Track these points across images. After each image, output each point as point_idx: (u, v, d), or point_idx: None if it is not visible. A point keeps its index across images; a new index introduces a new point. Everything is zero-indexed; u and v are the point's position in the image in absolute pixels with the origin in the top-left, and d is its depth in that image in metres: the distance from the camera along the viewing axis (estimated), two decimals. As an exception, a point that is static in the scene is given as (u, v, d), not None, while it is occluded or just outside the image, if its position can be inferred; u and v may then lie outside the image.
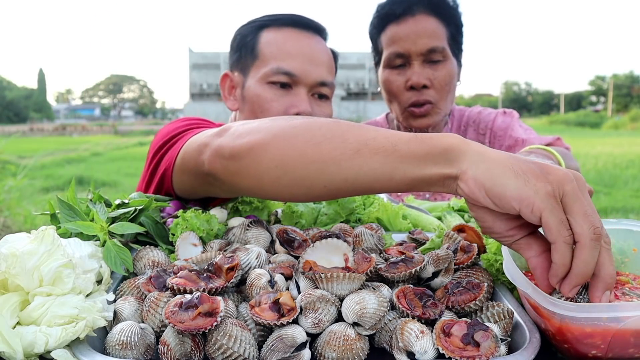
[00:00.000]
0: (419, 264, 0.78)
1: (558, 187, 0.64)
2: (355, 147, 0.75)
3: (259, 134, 0.83)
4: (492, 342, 0.63)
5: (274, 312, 0.69)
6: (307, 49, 1.48)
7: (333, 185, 0.79)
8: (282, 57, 1.47)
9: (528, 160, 0.68)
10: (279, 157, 0.80)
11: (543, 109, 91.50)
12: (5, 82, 80.00)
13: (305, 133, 0.79)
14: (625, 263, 0.84)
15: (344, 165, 0.76)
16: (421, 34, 1.65)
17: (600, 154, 14.33)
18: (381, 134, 0.75)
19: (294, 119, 0.83)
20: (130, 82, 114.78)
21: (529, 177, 0.65)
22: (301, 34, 1.51)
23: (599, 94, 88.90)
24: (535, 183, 0.65)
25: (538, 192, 0.64)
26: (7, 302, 0.67)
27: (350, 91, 50.85)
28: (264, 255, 0.84)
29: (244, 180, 0.87)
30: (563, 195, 0.64)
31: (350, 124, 0.80)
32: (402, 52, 1.67)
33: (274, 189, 0.85)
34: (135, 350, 0.65)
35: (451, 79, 1.70)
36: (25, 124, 55.56)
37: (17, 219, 6.05)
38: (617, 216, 6.76)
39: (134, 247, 0.93)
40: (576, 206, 0.64)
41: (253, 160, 0.83)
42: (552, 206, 0.64)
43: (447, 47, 1.68)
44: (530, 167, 0.66)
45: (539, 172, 0.65)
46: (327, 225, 1.12)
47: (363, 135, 0.76)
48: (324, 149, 0.77)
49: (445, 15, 1.68)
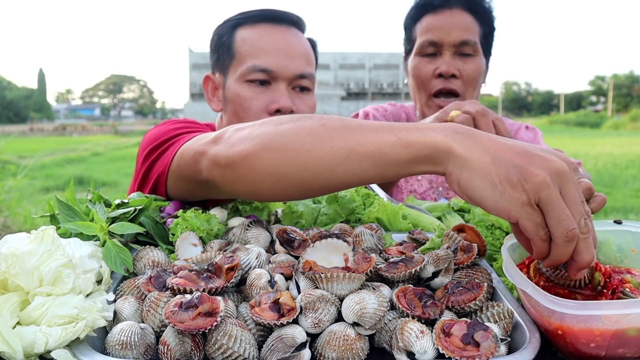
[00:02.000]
0: (419, 264, 0.78)
1: (534, 194, 0.67)
2: (343, 153, 0.77)
3: (251, 142, 0.84)
4: (492, 342, 0.63)
5: (274, 312, 0.69)
6: (281, 43, 1.48)
7: (330, 187, 0.83)
8: (257, 54, 1.47)
9: (511, 162, 0.69)
10: (273, 167, 0.82)
11: (543, 109, 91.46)
12: (5, 82, 79.99)
13: (295, 140, 0.81)
14: (624, 264, 0.84)
15: (336, 170, 0.79)
16: (455, 25, 1.69)
17: (600, 154, 14.33)
18: (368, 139, 0.77)
19: (282, 124, 0.84)
20: (130, 82, 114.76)
21: (505, 187, 0.68)
22: (275, 28, 1.51)
23: (599, 94, 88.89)
24: (511, 194, 0.68)
25: (513, 203, 0.68)
26: (7, 302, 0.67)
27: (350, 91, 50.85)
28: (264, 255, 0.84)
29: (242, 187, 0.89)
30: (539, 200, 0.67)
31: (336, 124, 0.81)
32: (435, 40, 1.70)
33: (273, 194, 0.88)
34: (135, 350, 0.65)
35: (479, 74, 1.73)
36: (25, 124, 55.56)
37: (17, 219, 6.05)
38: (617, 216, 6.75)
39: (134, 247, 0.93)
40: (551, 211, 0.67)
41: (248, 169, 0.85)
42: (528, 213, 0.68)
43: (479, 44, 1.72)
44: (508, 175, 0.68)
45: (516, 180, 0.68)
46: (327, 225, 1.12)
47: (350, 139, 0.78)
48: (315, 156, 0.79)
49: (480, 13, 1.73)
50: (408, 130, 0.76)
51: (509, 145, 0.71)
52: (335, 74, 51.95)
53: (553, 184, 0.67)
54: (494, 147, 0.71)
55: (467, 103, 1.23)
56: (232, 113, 1.52)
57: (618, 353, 0.65)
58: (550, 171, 0.67)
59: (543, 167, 0.68)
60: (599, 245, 0.85)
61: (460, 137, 0.73)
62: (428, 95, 1.76)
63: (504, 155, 0.70)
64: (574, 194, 0.69)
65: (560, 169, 0.68)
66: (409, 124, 0.78)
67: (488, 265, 0.90)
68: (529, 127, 1.94)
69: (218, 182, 0.93)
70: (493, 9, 1.77)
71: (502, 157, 0.69)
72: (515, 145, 0.71)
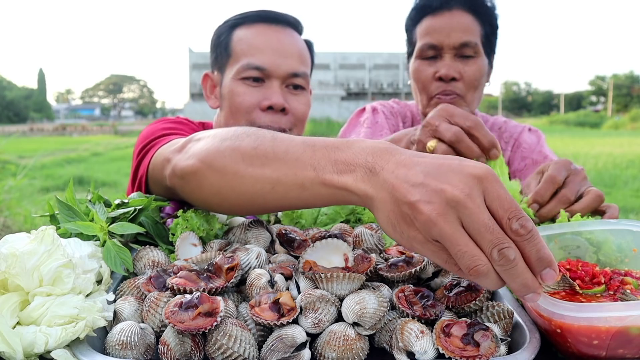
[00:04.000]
0: (419, 264, 0.78)
1: (426, 234, 0.62)
2: (270, 183, 0.79)
3: (198, 158, 0.88)
4: (492, 342, 0.63)
5: (274, 312, 0.69)
6: (276, 42, 1.52)
7: (270, 209, 0.87)
8: (252, 53, 1.51)
9: (404, 199, 0.63)
10: (215, 187, 0.86)
11: (543, 109, 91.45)
12: (5, 82, 79.97)
13: (231, 164, 0.83)
14: (625, 263, 0.84)
15: (268, 197, 0.81)
16: (455, 27, 1.67)
17: (600, 154, 14.34)
18: (291, 171, 0.77)
19: (225, 140, 0.86)
20: (130, 82, 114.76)
21: (402, 227, 0.65)
22: (270, 28, 1.55)
23: (599, 94, 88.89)
24: (409, 233, 0.64)
25: (413, 242, 0.65)
26: (7, 302, 0.67)
27: (350, 91, 50.86)
28: (264, 255, 0.84)
29: (195, 198, 0.94)
30: (436, 238, 0.62)
31: (267, 149, 0.80)
32: (435, 43, 1.69)
33: (221, 210, 0.93)
34: (135, 350, 0.65)
35: (480, 76, 1.71)
36: (25, 124, 55.55)
37: (17, 219, 6.05)
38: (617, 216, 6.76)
39: (134, 247, 0.93)
40: (449, 249, 0.62)
41: (197, 185, 0.90)
42: (431, 251, 0.64)
43: (480, 44, 1.70)
44: (402, 214, 0.64)
45: (409, 218, 0.64)
46: (327, 225, 1.12)
47: (277, 169, 0.78)
48: (247, 183, 0.82)
49: (481, 13, 1.71)
50: (330, 161, 0.74)
51: (410, 175, 0.65)
52: (335, 74, 51.96)
53: (446, 217, 0.61)
54: (393, 182, 0.65)
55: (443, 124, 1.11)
56: (227, 109, 1.56)
57: (618, 354, 0.65)
58: (440, 204, 0.61)
59: (433, 200, 0.61)
60: (599, 245, 0.85)
61: (369, 175, 0.69)
62: (429, 97, 1.75)
63: (400, 190, 0.64)
64: (479, 222, 0.60)
65: (455, 199, 0.61)
66: (337, 145, 0.75)
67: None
68: (532, 130, 1.93)
69: (177, 190, 0.97)
70: (495, 7, 1.75)
71: (398, 193, 0.64)
72: (417, 173, 0.65)
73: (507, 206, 0.62)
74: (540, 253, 0.61)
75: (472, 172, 0.63)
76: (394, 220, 0.66)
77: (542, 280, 0.62)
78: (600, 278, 0.76)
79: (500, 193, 0.62)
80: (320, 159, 0.75)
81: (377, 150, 0.70)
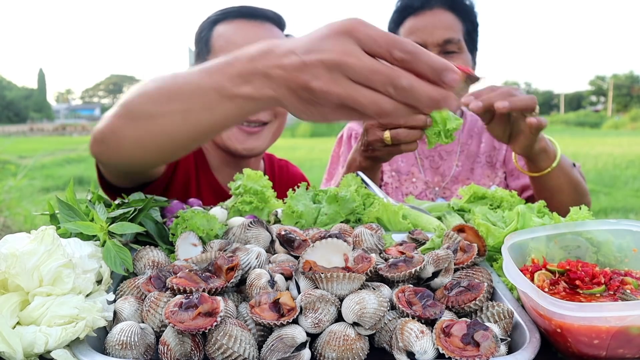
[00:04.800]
0: (419, 264, 0.78)
1: (329, 104, 0.72)
2: (181, 115, 0.87)
3: (112, 115, 0.96)
4: (492, 342, 0.63)
5: (274, 312, 0.69)
6: (253, 37, 1.50)
7: (190, 142, 0.95)
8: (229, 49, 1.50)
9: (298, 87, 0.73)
10: (133, 137, 0.93)
11: (543, 109, 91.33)
12: (5, 82, 79.94)
13: (143, 108, 0.91)
14: (625, 263, 0.84)
15: (183, 129, 0.89)
16: (438, 25, 1.71)
17: (600, 154, 14.33)
18: (196, 98, 0.85)
19: (132, 93, 0.95)
20: (130, 82, 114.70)
21: (311, 109, 0.75)
22: (249, 23, 1.57)
23: (599, 94, 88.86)
24: (318, 111, 0.75)
25: (326, 115, 0.75)
26: (7, 302, 0.67)
27: (350, 91, 50.81)
28: (264, 255, 0.84)
29: (118, 158, 1.00)
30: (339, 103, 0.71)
31: (171, 86, 0.89)
32: (419, 42, 1.70)
33: (147, 163, 1.02)
34: (135, 350, 0.65)
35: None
36: (25, 124, 55.50)
37: (17, 219, 6.05)
38: (617, 216, 6.76)
39: (134, 247, 0.93)
40: (354, 105, 0.70)
41: (116, 143, 0.96)
42: (345, 114, 0.74)
43: (463, 41, 1.74)
44: (304, 99, 0.74)
45: (310, 100, 0.74)
46: (327, 225, 1.12)
47: (184, 102, 0.87)
48: (161, 122, 0.89)
49: (461, 11, 1.75)
50: (226, 79, 0.82)
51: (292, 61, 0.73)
52: (335, 74, 51.91)
53: (335, 82, 0.68)
54: (283, 76, 0.75)
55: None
56: None
57: (618, 353, 0.65)
58: (325, 74, 0.69)
59: (317, 73, 0.70)
60: (599, 245, 0.85)
61: (264, 79, 0.78)
62: None
63: (291, 79, 0.74)
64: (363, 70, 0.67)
65: (333, 62, 0.68)
66: (229, 61, 0.83)
67: (488, 265, 0.90)
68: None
69: (103, 158, 1.04)
70: (474, 5, 1.79)
71: (291, 83, 0.74)
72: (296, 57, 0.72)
73: (382, 42, 0.67)
74: (432, 65, 0.66)
75: (338, 29, 0.69)
76: (302, 107, 0.75)
77: (447, 85, 0.66)
78: (600, 278, 0.76)
79: (371, 34, 0.68)
80: (218, 80, 0.83)
81: (261, 54, 0.78)
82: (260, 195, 1.19)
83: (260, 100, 0.79)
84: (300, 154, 13.80)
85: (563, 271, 0.78)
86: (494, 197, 1.19)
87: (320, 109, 0.73)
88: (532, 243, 0.84)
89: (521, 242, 0.83)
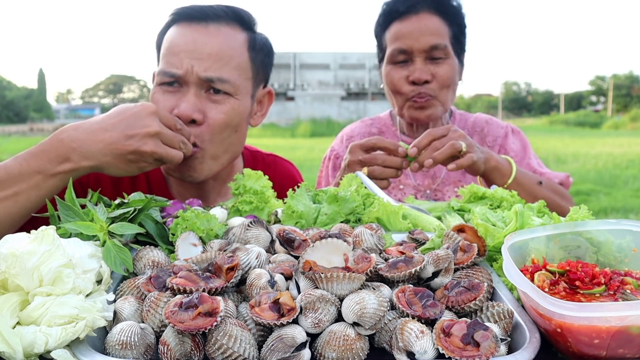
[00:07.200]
0: (419, 264, 0.78)
1: (152, 160, 1.22)
2: (12, 199, 1.10)
3: None
4: (492, 342, 0.63)
5: (274, 312, 0.69)
6: (191, 44, 1.35)
7: (24, 216, 1.13)
8: (167, 57, 1.37)
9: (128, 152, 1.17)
10: None
11: (543, 109, 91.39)
12: (5, 82, 79.94)
13: None
14: (625, 263, 0.84)
15: (15, 210, 1.11)
16: (424, 31, 1.68)
17: (600, 154, 14.33)
18: (23, 182, 1.10)
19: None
20: (130, 82, 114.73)
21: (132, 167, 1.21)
22: (189, 27, 1.38)
23: (599, 94, 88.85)
24: (138, 166, 1.21)
25: (144, 169, 1.24)
26: (7, 302, 0.67)
27: (350, 91, 50.84)
28: (264, 255, 0.84)
29: None
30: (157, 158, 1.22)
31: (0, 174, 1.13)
32: (404, 48, 1.70)
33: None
34: (135, 350, 0.65)
35: (452, 76, 1.73)
36: (25, 124, 55.46)
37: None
38: (617, 216, 6.76)
39: (134, 247, 0.93)
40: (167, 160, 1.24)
41: None
42: (156, 165, 1.26)
43: (450, 46, 1.71)
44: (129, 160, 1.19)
45: (135, 159, 1.19)
46: (327, 225, 1.12)
47: (10, 187, 1.09)
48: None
49: (449, 14, 1.72)
50: (48, 161, 1.12)
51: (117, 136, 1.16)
52: (335, 74, 51.94)
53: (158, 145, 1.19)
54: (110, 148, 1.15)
55: (360, 156, 1.50)
56: None
57: (619, 353, 0.65)
58: (151, 141, 1.18)
59: (145, 140, 1.18)
60: (599, 245, 0.85)
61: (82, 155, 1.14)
62: (404, 100, 1.77)
63: (120, 148, 1.16)
64: (167, 137, 1.21)
65: (155, 132, 1.19)
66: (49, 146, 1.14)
67: (488, 265, 0.90)
68: (514, 132, 1.92)
69: None
70: (462, 7, 1.76)
71: (120, 150, 1.17)
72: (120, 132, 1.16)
73: (169, 117, 1.26)
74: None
75: (148, 111, 1.19)
76: (125, 167, 1.17)
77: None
78: (600, 278, 0.76)
79: (162, 114, 1.23)
80: (40, 163, 1.11)
81: (74, 138, 1.13)
82: (260, 195, 1.19)
83: (82, 170, 1.13)
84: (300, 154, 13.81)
85: (563, 272, 0.78)
86: (494, 197, 1.19)
87: (141, 165, 1.19)
88: (532, 243, 0.84)
89: (521, 242, 0.83)
